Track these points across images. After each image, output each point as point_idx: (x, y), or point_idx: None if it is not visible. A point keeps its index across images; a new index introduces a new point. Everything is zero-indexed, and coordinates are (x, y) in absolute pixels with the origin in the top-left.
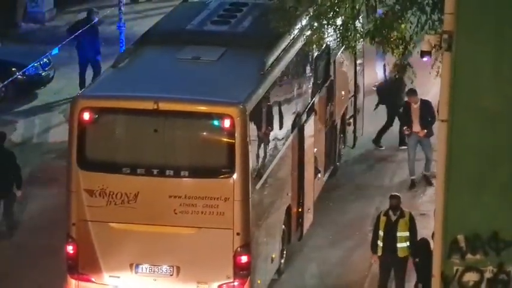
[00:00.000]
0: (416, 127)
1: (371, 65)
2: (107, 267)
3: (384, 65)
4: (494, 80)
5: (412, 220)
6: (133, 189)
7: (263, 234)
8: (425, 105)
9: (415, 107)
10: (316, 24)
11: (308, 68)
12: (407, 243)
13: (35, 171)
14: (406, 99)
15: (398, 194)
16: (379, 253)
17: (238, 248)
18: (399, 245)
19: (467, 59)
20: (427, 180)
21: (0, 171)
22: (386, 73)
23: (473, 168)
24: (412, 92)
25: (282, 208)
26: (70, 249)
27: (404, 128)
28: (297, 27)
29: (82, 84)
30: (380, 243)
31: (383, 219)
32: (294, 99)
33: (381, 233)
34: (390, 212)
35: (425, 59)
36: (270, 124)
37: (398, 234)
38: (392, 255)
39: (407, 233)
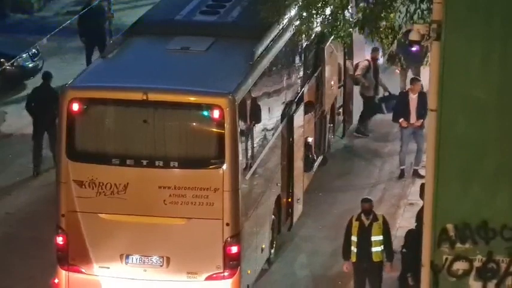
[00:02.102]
0: (413, 118)
1: (360, 54)
2: (97, 258)
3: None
4: (483, 70)
5: (385, 223)
6: (123, 180)
7: (253, 224)
8: (424, 96)
9: (414, 97)
10: (305, 14)
11: (297, 58)
12: (382, 248)
13: (24, 162)
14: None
15: (370, 198)
16: (354, 259)
17: (228, 239)
18: (374, 249)
19: (456, 48)
20: (418, 175)
21: (47, 106)
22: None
23: (463, 157)
24: (416, 80)
25: (271, 198)
26: (60, 240)
27: (401, 120)
28: (286, 17)
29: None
30: (354, 249)
31: (355, 224)
32: (284, 89)
33: (354, 238)
34: (363, 217)
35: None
36: (259, 114)
37: (373, 238)
38: (367, 260)
39: (381, 237)
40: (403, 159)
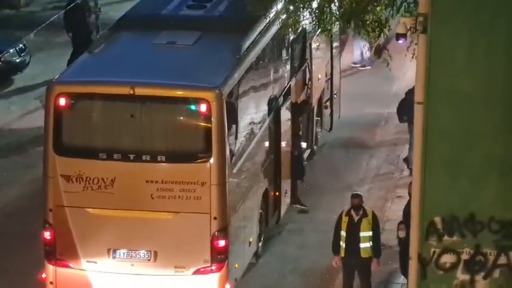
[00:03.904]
0: None
1: (347, 47)
2: (84, 252)
3: (363, 46)
4: (470, 63)
5: (375, 219)
6: (110, 174)
7: (240, 218)
8: None
9: None
10: (291, 7)
11: (284, 52)
12: (370, 244)
13: (12, 157)
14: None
15: (360, 193)
16: (342, 254)
17: (216, 232)
18: (362, 245)
19: (443, 41)
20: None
21: None
22: (365, 55)
23: (449, 150)
24: None
25: (259, 192)
26: (47, 235)
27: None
28: (273, 10)
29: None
30: (343, 244)
31: (345, 219)
32: (270, 83)
33: (343, 233)
34: (352, 212)
35: (400, 41)
36: (246, 108)
37: (361, 234)
38: (356, 256)
39: (370, 233)
40: (412, 159)
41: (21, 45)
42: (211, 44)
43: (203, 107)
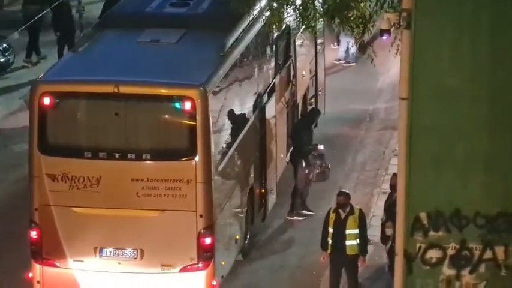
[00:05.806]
0: None
1: (332, 43)
2: (71, 251)
3: (348, 43)
4: (454, 58)
5: (361, 217)
6: (96, 173)
7: (226, 215)
8: None
9: None
10: (275, 4)
11: (268, 49)
12: (357, 241)
13: None
14: None
15: (346, 191)
16: (329, 251)
17: (202, 230)
18: (348, 242)
19: (427, 36)
20: None
21: None
22: (350, 52)
23: (435, 145)
24: None
25: (245, 189)
26: (33, 234)
27: None
28: (257, 8)
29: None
30: (330, 241)
31: (332, 216)
32: (255, 80)
33: (331, 230)
34: (339, 209)
35: (384, 37)
36: (231, 105)
37: (347, 231)
38: (342, 253)
39: (356, 231)
40: None
41: (5, 44)
42: (195, 42)
43: (187, 105)
